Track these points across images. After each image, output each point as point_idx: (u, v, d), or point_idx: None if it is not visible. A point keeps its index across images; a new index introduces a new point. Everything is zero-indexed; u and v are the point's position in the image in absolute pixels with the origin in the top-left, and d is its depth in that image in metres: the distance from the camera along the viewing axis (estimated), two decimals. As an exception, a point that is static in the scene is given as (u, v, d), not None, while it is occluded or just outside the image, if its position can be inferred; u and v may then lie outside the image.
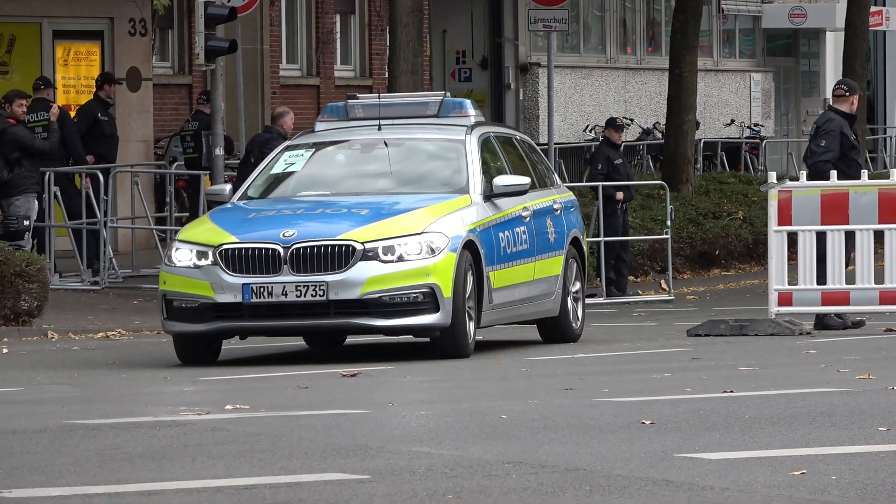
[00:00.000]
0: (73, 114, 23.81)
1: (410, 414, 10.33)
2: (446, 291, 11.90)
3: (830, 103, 19.39)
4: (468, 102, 14.53)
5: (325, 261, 11.68)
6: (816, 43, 43.08)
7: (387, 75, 25.35)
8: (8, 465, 8.33)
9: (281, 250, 11.69)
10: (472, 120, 14.04)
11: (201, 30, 25.75)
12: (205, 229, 12.57)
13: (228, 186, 13.92)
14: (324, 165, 13.87)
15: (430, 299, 11.86)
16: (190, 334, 12.16)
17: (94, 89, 24.18)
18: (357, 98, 14.64)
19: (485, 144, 14.32)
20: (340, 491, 7.28)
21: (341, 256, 11.66)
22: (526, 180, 14.03)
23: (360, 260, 11.66)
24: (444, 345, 12.40)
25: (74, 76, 25.69)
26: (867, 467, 7.87)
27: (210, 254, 11.90)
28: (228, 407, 10.08)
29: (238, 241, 11.82)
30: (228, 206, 13.28)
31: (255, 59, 28.98)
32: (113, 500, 7.20)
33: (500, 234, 13.94)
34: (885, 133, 41.85)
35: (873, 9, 35.70)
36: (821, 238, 16.33)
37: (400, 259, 11.85)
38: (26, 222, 20.74)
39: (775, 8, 41.71)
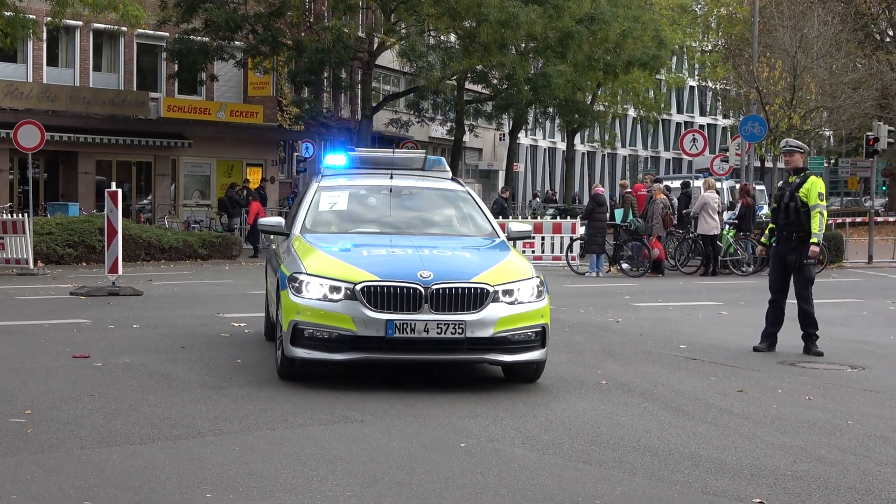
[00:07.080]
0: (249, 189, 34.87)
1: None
2: (549, 329, 8.79)
3: (500, 194, 29.26)
4: (443, 160, 11.35)
5: (463, 301, 8.33)
6: (496, 175, 56.70)
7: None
8: (233, 308, 12.51)
9: (422, 290, 8.24)
10: (450, 174, 11.07)
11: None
12: (331, 264, 8.68)
13: (281, 219, 10.23)
14: (361, 206, 10.33)
15: (540, 337, 8.66)
16: (323, 362, 8.49)
17: (260, 184, 36.55)
18: (355, 150, 11.32)
19: None
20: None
21: (477, 298, 8.37)
22: (530, 227, 10.75)
23: (492, 301, 8.40)
24: (534, 375, 9.03)
25: (253, 180, 37.38)
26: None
27: (345, 289, 8.36)
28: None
29: (379, 279, 8.32)
30: (316, 237, 9.51)
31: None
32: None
33: None
34: (516, 203, 51.77)
35: (516, 162, 44.76)
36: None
37: (516, 301, 8.56)
38: (235, 227, 31.04)
39: (484, 164, 57.40)
